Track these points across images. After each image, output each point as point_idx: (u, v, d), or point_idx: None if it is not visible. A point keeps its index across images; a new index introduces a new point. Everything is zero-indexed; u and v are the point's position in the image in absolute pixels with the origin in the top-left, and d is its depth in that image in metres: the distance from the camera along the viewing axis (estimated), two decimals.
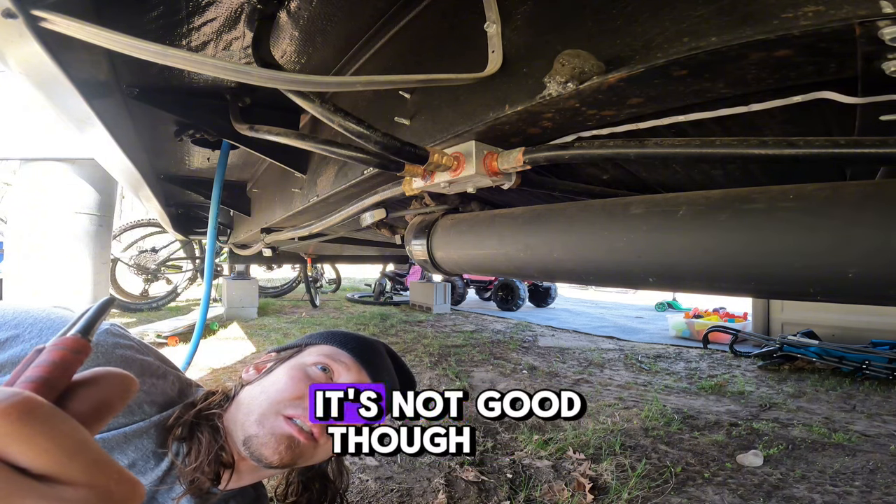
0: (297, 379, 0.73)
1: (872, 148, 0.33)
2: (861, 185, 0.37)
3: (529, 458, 2.33)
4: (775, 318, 5.44)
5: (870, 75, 0.35)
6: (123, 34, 0.38)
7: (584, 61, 0.41)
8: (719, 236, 0.43)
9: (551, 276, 0.66)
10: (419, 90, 0.69)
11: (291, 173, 1.22)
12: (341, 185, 0.94)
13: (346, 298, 8.49)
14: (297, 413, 0.70)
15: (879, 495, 2.01)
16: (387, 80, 0.51)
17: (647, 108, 0.49)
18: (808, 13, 0.31)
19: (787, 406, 3.25)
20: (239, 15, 0.66)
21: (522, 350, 4.79)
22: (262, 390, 0.73)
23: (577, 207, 0.58)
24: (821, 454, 2.44)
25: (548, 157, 0.51)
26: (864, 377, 3.80)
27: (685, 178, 0.93)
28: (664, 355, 4.87)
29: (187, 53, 0.38)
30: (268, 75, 0.42)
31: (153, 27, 0.65)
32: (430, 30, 0.67)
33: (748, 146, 0.37)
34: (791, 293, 0.42)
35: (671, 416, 2.98)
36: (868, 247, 0.35)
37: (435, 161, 0.56)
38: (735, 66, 0.38)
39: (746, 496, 2.01)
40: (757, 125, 0.66)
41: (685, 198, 0.47)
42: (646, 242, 0.48)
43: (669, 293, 9.05)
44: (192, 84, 0.87)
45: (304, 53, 0.79)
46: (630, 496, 1.97)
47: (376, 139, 0.48)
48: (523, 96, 0.49)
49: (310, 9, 0.68)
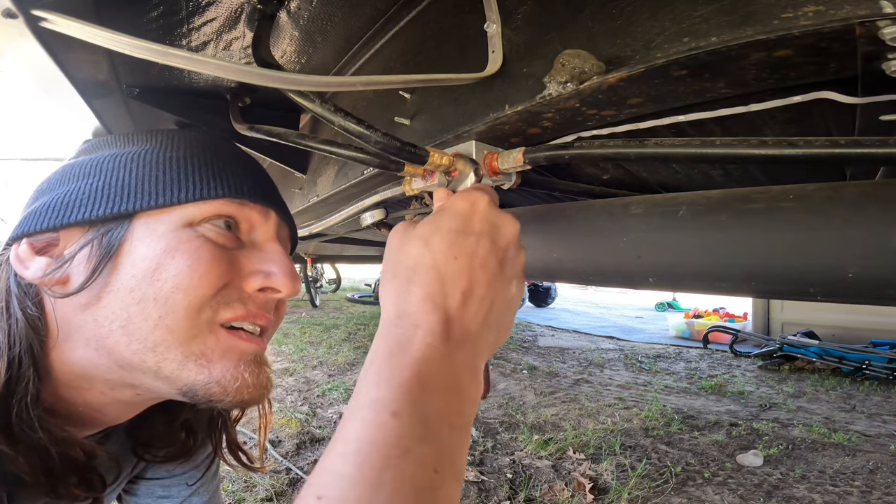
0: (205, 254, 0.45)
1: (872, 148, 0.33)
2: (861, 185, 0.37)
3: (529, 458, 2.33)
4: (775, 318, 5.45)
5: (870, 75, 0.35)
6: (124, 34, 0.38)
7: (584, 61, 0.42)
8: (719, 236, 0.43)
9: (551, 276, 0.66)
10: (419, 90, 0.69)
11: (291, 173, 1.22)
12: (341, 185, 0.94)
13: (346, 298, 8.49)
14: (239, 313, 0.47)
15: (879, 495, 2.01)
16: (387, 80, 0.51)
17: (647, 108, 0.49)
18: (809, 13, 0.31)
19: (787, 406, 3.25)
20: (239, 15, 0.66)
21: (522, 350, 4.79)
22: (140, 297, 0.43)
23: (578, 207, 0.58)
24: (821, 454, 2.44)
25: (548, 157, 0.51)
26: (864, 377, 3.80)
27: (685, 178, 0.93)
28: (664, 355, 4.87)
29: (188, 53, 0.38)
30: (268, 75, 0.42)
31: (153, 27, 0.65)
32: (430, 30, 0.67)
33: (748, 146, 0.37)
34: (791, 293, 0.42)
35: (671, 416, 2.98)
36: (868, 247, 0.35)
37: (435, 161, 0.56)
38: (735, 66, 0.38)
39: (746, 496, 2.01)
40: (757, 125, 0.66)
41: (685, 198, 0.47)
42: (646, 242, 0.48)
43: (669, 293, 9.05)
44: (192, 84, 0.87)
45: (304, 53, 0.79)
46: (630, 496, 1.97)
47: (376, 139, 0.48)
48: (523, 96, 0.49)
49: (310, 9, 0.68)
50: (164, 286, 0.44)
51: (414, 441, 0.30)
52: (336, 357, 4.49)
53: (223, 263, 0.47)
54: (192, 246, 0.46)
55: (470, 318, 0.38)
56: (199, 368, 0.45)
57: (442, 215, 0.41)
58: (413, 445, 0.30)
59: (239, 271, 0.49)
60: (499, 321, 0.41)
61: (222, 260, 0.47)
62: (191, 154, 0.52)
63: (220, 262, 0.46)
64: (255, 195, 0.52)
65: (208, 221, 0.48)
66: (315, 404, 3.32)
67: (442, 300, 0.37)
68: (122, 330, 0.44)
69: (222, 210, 0.49)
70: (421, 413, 0.31)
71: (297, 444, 2.66)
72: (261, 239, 0.53)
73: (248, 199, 0.51)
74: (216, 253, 0.47)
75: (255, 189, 0.52)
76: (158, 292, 0.44)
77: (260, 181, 0.56)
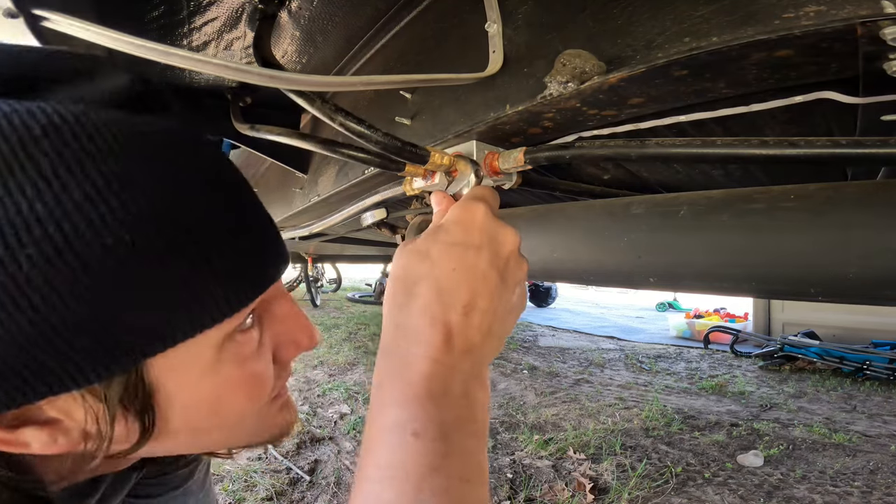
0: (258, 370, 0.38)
1: (873, 148, 0.33)
2: (862, 185, 0.37)
3: (529, 458, 2.33)
4: (776, 318, 5.44)
5: (871, 75, 0.35)
6: (125, 33, 0.38)
7: (584, 61, 0.42)
8: (720, 236, 0.43)
9: (552, 276, 0.66)
10: (420, 90, 0.69)
11: (292, 173, 1.23)
12: (342, 185, 0.94)
13: (347, 298, 8.49)
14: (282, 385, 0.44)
15: (880, 495, 2.01)
16: (387, 80, 0.51)
17: (648, 108, 0.49)
18: (810, 13, 0.31)
19: (788, 406, 3.25)
20: (240, 15, 0.66)
21: (523, 350, 4.79)
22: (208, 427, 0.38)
23: (578, 207, 0.58)
24: (821, 454, 2.43)
25: (549, 157, 0.51)
26: (865, 377, 3.80)
27: (686, 178, 0.93)
28: (665, 355, 4.86)
29: (189, 53, 0.39)
30: (269, 75, 0.42)
31: (154, 27, 0.65)
32: (430, 30, 0.67)
33: (749, 146, 0.37)
34: (792, 293, 0.42)
35: (672, 416, 2.98)
36: (868, 247, 0.35)
37: (436, 161, 0.56)
38: (736, 66, 0.38)
39: (747, 496, 2.01)
40: (758, 125, 0.66)
41: (686, 198, 0.47)
42: (647, 242, 0.48)
43: (670, 293, 9.05)
44: (192, 84, 0.87)
45: (305, 53, 0.79)
46: (630, 496, 1.97)
47: (377, 139, 0.48)
48: (524, 96, 0.49)
49: (311, 9, 0.68)
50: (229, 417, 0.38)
51: (439, 457, 0.32)
52: (336, 357, 4.49)
53: (269, 362, 0.40)
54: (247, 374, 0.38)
55: (473, 330, 0.38)
56: (251, 439, 0.43)
57: (441, 229, 0.42)
58: (440, 462, 0.32)
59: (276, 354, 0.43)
60: (501, 330, 0.41)
61: (266, 358, 0.40)
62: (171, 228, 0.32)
63: (268, 364, 0.40)
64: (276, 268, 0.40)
65: (239, 332, 0.37)
66: (315, 404, 3.32)
67: (442, 314, 0.37)
68: (185, 445, 0.39)
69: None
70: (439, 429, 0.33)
71: (297, 443, 2.66)
72: (272, 297, 0.42)
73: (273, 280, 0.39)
74: (260, 355, 0.39)
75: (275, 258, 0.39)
76: (223, 423, 0.38)
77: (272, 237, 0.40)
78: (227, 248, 0.34)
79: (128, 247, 0.28)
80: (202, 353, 0.34)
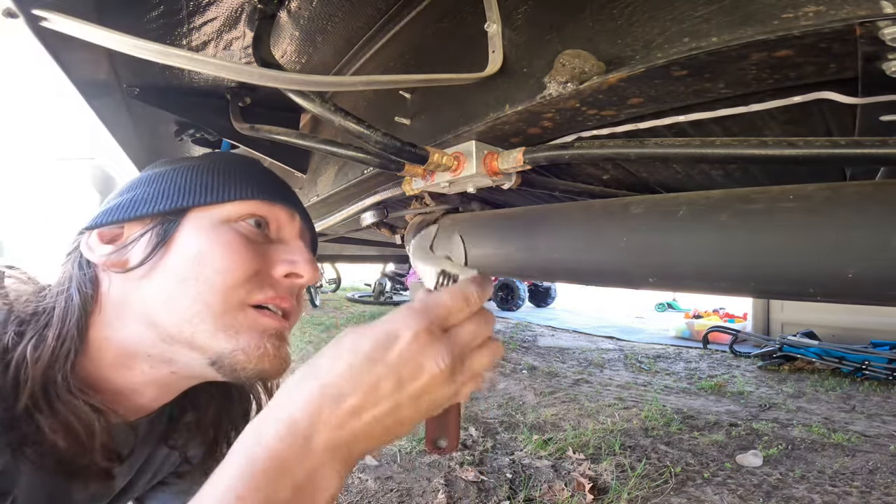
0: (238, 246, 0.55)
1: (873, 148, 0.33)
2: (861, 186, 0.37)
3: (529, 457, 2.33)
4: (775, 318, 5.44)
5: (870, 75, 0.35)
6: (124, 34, 0.38)
7: (584, 61, 0.42)
8: (719, 236, 0.43)
9: (551, 276, 0.66)
10: (419, 90, 0.69)
11: (292, 173, 1.23)
12: (341, 185, 0.94)
13: (346, 298, 8.49)
14: (267, 295, 0.56)
15: (879, 495, 2.01)
16: (387, 80, 0.51)
17: (648, 108, 0.49)
18: (809, 13, 0.31)
19: (787, 406, 3.25)
20: (239, 15, 0.66)
21: (522, 350, 4.79)
22: (184, 277, 0.53)
23: (578, 207, 0.58)
24: (820, 454, 2.44)
25: (548, 157, 0.51)
26: (864, 377, 3.80)
27: (685, 178, 0.93)
28: (664, 355, 4.87)
29: (188, 53, 0.39)
30: (268, 75, 0.42)
31: (154, 27, 0.65)
32: (430, 29, 0.67)
33: (748, 146, 0.37)
34: (791, 293, 0.42)
35: (671, 416, 2.99)
36: (868, 247, 0.35)
37: (435, 161, 0.56)
38: (735, 67, 0.39)
39: (746, 496, 2.01)
40: (757, 125, 0.66)
41: (685, 198, 0.47)
42: (646, 242, 0.48)
43: (669, 293, 9.05)
44: (192, 84, 0.87)
45: (305, 53, 0.79)
46: (630, 496, 1.97)
47: (376, 139, 0.48)
48: (523, 96, 0.49)
49: (310, 8, 0.68)
50: (204, 270, 0.53)
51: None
52: None
53: (253, 254, 0.56)
54: (229, 238, 0.55)
55: (346, 431, 0.39)
56: (228, 338, 0.53)
57: (369, 333, 0.42)
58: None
59: (267, 261, 0.57)
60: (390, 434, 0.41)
61: (253, 251, 0.56)
62: (231, 167, 0.63)
63: (251, 252, 0.56)
64: (283, 199, 0.62)
65: (243, 220, 0.58)
66: None
67: (317, 407, 0.38)
68: (164, 305, 0.53)
69: (255, 210, 0.59)
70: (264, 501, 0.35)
71: None
72: (286, 236, 0.62)
73: (276, 201, 0.61)
74: (248, 244, 0.56)
75: (282, 194, 0.63)
76: (199, 274, 0.53)
77: (287, 190, 0.66)
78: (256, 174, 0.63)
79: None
80: (210, 220, 0.56)
